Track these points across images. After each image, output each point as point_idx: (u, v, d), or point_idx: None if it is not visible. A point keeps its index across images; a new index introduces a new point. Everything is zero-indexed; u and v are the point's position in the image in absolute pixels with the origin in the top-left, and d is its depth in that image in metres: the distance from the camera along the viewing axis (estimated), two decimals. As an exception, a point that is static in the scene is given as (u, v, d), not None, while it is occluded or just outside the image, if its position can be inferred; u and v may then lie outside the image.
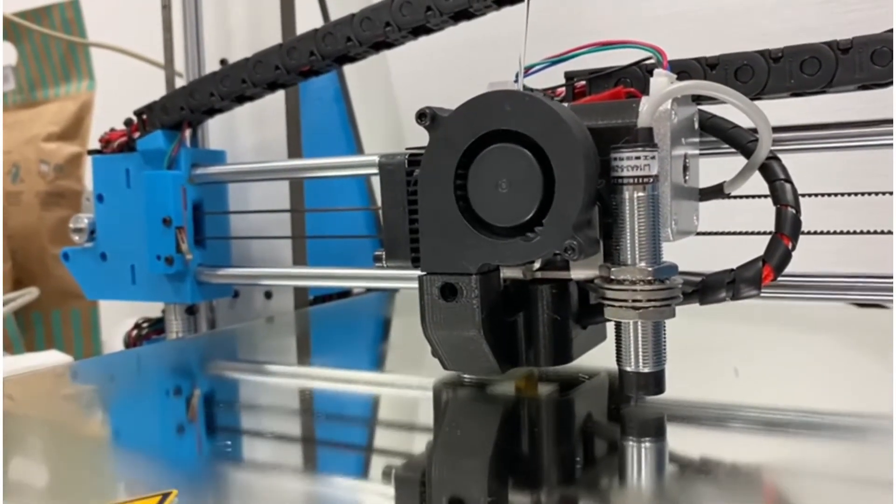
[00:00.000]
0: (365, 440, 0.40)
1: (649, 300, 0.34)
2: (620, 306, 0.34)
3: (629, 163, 0.34)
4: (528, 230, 0.35)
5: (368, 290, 0.82)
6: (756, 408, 0.39)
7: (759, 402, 0.40)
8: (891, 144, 0.41)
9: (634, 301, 0.34)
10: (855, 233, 0.44)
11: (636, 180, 0.34)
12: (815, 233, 0.43)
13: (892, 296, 0.42)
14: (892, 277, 0.42)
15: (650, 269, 0.34)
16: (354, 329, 0.69)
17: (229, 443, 0.38)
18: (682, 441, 0.35)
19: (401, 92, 0.93)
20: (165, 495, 0.28)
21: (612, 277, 0.35)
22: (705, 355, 0.50)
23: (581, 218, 0.34)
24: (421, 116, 0.37)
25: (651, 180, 0.34)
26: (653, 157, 0.34)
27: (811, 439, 0.35)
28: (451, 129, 0.36)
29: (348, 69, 0.83)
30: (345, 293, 0.84)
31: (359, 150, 0.85)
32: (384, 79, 0.92)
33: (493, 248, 0.36)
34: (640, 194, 0.34)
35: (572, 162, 0.34)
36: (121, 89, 0.90)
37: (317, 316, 0.76)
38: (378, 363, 0.57)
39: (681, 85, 0.35)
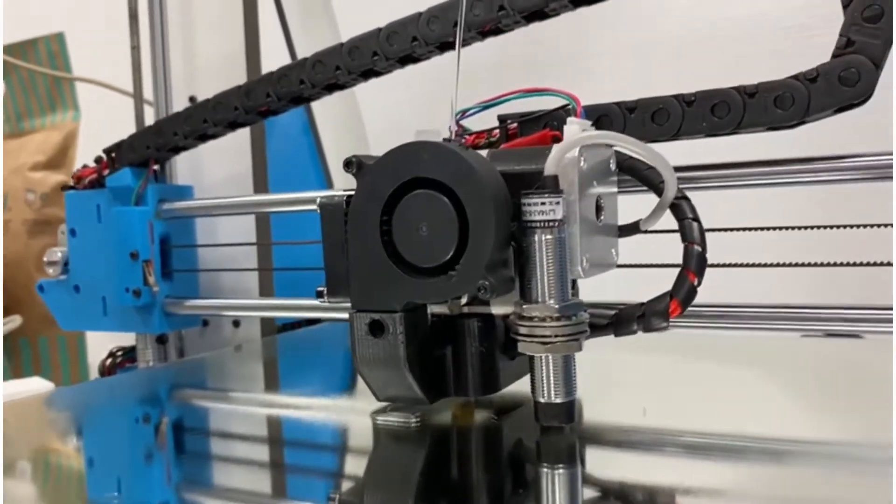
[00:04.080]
0: (312, 464, 0.42)
1: (557, 336, 0.36)
2: (531, 341, 0.37)
3: (536, 208, 0.36)
4: (448, 270, 0.38)
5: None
6: (688, 433, 0.41)
7: (690, 428, 0.42)
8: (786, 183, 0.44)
9: (543, 336, 0.36)
10: (850, 265, 0.45)
11: (543, 224, 0.36)
12: (813, 264, 0.45)
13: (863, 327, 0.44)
14: (862, 308, 0.44)
15: (557, 306, 0.36)
16: (317, 357, 0.72)
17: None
18: (607, 466, 0.38)
19: (369, 123, 0.96)
20: None
21: (524, 314, 0.37)
22: (655, 387, 0.52)
23: (493, 259, 0.37)
24: (347, 165, 0.39)
25: (556, 224, 0.36)
26: (557, 203, 0.36)
27: (734, 463, 0.37)
28: (375, 176, 0.39)
29: (316, 102, 0.85)
30: (313, 320, 0.86)
31: (328, 182, 0.87)
32: (352, 111, 0.94)
33: (415, 287, 0.38)
34: (548, 237, 0.36)
35: (483, 208, 0.36)
36: (105, 120, 0.93)
37: (283, 344, 0.79)
38: (337, 389, 0.59)
39: (583, 136, 0.37)
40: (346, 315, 0.41)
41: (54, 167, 1.26)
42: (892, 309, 0.42)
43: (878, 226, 0.44)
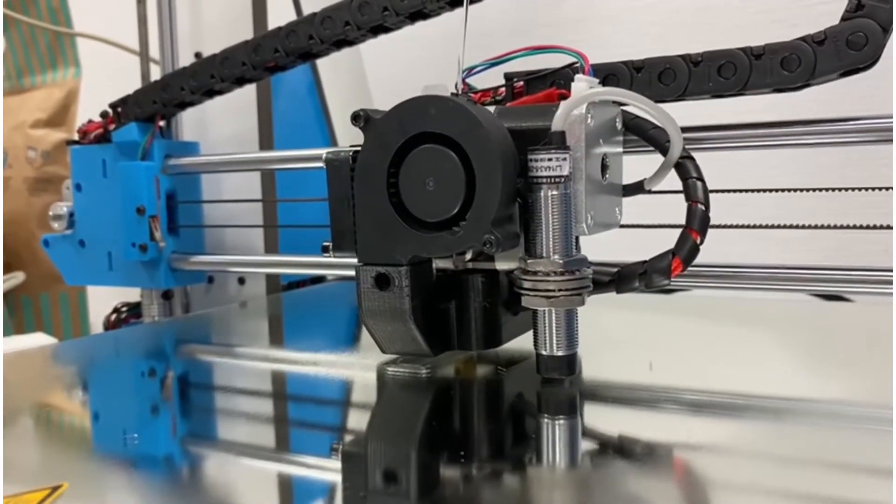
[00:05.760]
0: (316, 418, 0.43)
1: (560, 290, 0.37)
2: (535, 295, 0.37)
3: (543, 164, 0.37)
4: (454, 225, 0.38)
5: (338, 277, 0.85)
6: (689, 390, 0.42)
7: (691, 386, 0.42)
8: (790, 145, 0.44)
9: (546, 290, 0.37)
10: (852, 227, 0.45)
11: (549, 180, 0.37)
12: (810, 226, 0.46)
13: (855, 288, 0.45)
14: (863, 270, 0.44)
15: (561, 261, 0.37)
16: (322, 314, 0.73)
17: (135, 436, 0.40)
18: (607, 420, 0.38)
19: (374, 83, 0.96)
20: (55, 488, 0.29)
21: (528, 269, 0.38)
22: (658, 346, 0.53)
23: (500, 214, 0.37)
24: (355, 118, 0.39)
25: (563, 180, 0.37)
26: (564, 159, 0.37)
27: (734, 420, 0.38)
28: (383, 130, 0.39)
29: (322, 62, 0.85)
30: (318, 278, 0.87)
31: (333, 141, 0.87)
32: (358, 71, 0.94)
33: (421, 241, 0.39)
34: (554, 193, 0.37)
35: (490, 163, 0.37)
36: (108, 77, 0.92)
37: (288, 301, 0.79)
38: (342, 345, 0.60)
39: (591, 92, 0.38)
40: (350, 272, 0.41)
41: (55, 125, 1.26)
42: (887, 271, 0.43)
43: (879, 189, 0.45)
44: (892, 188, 0.44)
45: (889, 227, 0.44)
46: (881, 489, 0.29)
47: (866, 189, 0.45)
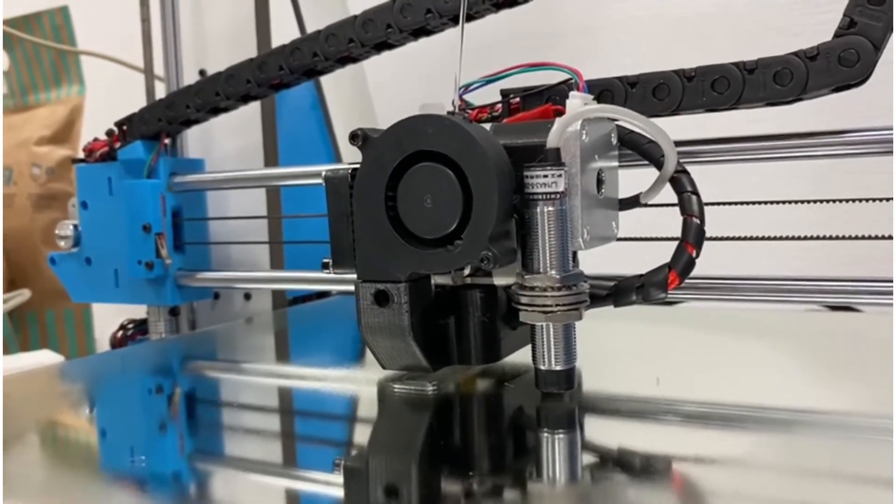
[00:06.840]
0: (321, 433, 0.43)
1: (557, 305, 0.37)
2: (532, 310, 0.38)
3: (538, 180, 0.37)
4: (451, 241, 0.39)
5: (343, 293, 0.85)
6: (689, 402, 0.42)
7: (692, 398, 0.43)
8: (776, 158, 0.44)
9: (544, 306, 0.37)
10: (850, 238, 0.45)
11: (545, 196, 0.37)
12: (815, 238, 0.46)
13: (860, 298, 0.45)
14: (860, 281, 0.45)
15: (558, 276, 0.37)
16: (327, 329, 0.73)
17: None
18: (606, 433, 0.39)
19: (378, 99, 0.96)
20: None
21: (525, 284, 0.38)
22: (658, 358, 0.53)
23: (496, 231, 0.38)
24: (353, 137, 0.40)
25: (558, 196, 0.37)
26: (559, 175, 0.37)
27: (734, 432, 0.38)
28: (380, 149, 0.40)
29: (325, 78, 0.86)
30: (324, 293, 0.87)
31: (337, 157, 0.88)
32: (361, 87, 0.95)
33: (420, 257, 0.40)
34: (550, 209, 0.37)
35: (486, 180, 0.37)
36: (111, 94, 0.93)
37: (294, 316, 0.80)
38: (347, 361, 0.60)
39: (585, 109, 0.38)
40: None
41: (60, 142, 1.27)
42: (891, 281, 0.43)
43: (879, 199, 0.45)
44: (892, 199, 0.44)
45: (889, 238, 0.44)
46: (890, 501, 0.29)
47: (867, 200, 0.45)
